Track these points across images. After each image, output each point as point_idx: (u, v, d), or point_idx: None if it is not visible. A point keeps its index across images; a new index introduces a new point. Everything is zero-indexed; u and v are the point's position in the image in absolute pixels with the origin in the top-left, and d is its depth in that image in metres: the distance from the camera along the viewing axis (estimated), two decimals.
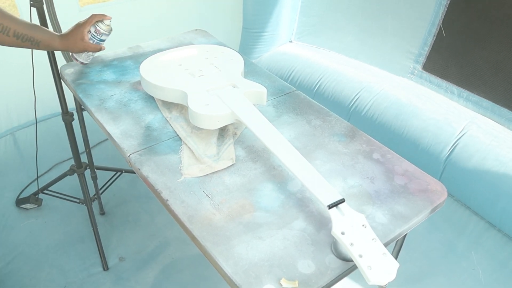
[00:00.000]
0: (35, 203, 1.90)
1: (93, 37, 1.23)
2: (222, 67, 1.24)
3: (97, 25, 1.22)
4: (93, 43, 1.23)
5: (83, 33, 1.20)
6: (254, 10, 2.52)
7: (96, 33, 1.22)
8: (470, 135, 1.91)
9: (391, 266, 0.73)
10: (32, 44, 1.09)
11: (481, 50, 1.98)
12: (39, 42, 1.11)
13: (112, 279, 1.65)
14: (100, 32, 1.23)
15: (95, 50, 1.26)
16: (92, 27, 1.22)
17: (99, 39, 1.24)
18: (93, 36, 1.22)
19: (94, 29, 1.22)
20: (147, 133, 1.13)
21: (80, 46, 1.21)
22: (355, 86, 2.25)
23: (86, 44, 1.22)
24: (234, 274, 0.77)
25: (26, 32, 1.06)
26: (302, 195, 0.95)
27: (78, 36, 1.19)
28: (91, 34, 1.22)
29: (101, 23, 1.22)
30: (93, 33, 1.22)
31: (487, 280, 1.68)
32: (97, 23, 1.22)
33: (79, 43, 1.20)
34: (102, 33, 1.23)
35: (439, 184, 1.00)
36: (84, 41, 1.21)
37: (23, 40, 1.06)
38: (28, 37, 1.07)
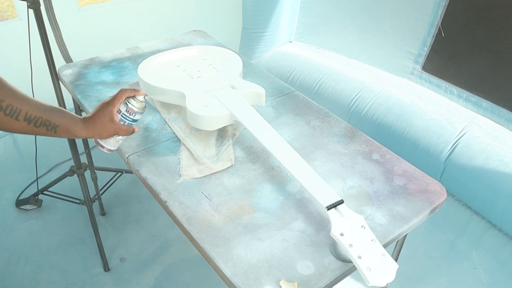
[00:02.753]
0: (35, 204, 1.90)
1: (124, 118, 0.97)
2: (221, 68, 1.24)
3: (128, 102, 0.97)
4: (124, 125, 0.97)
5: (112, 113, 0.94)
6: (254, 10, 2.51)
7: (127, 113, 0.97)
8: (471, 135, 1.90)
9: (390, 267, 0.73)
10: (47, 129, 0.86)
11: (480, 50, 1.97)
12: (57, 126, 0.87)
13: (113, 280, 1.65)
14: (133, 111, 0.97)
15: (127, 134, 0.98)
16: (123, 106, 0.97)
17: (132, 120, 0.98)
18: (124, 116, 0.97)
19: (125, 107, 0.96)
20: (146, 134, 1.13)
21: (110, 130, 0.95)
22: (355, 86, 2.24)
23: (116, 126, 0.95)
24: (233, 276, 0.77)
25: (40, 114, 0.83)
26: (301, 196, 0.95)
27: (107, 117, 0.94)
28: (122, 114, 0.97)
29: (133, 99, 0.97)
30: (124, 112, 0.97)
31: (488, 280, 1.67)
32: (128, 100, 0.97)
33: (109, 126, 0.95)
34: (136, 111, 0.97)
35: (439, 185, 1.00)
36: (115, 123, 0.95)
37: (36, 124, 0.84)
38: (43, 120, 0.84)
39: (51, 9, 1.39)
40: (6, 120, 0.79)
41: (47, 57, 1.37)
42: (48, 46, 1.35)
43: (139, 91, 0.98)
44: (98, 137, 0.96)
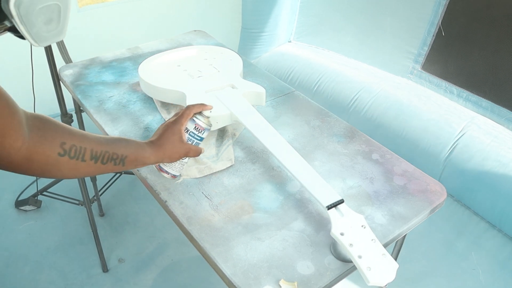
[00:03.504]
0: (34, 205, 1.90)
1: (192, 136, 0.89)
2: (221, 68, 1.24)
3: (196, 119, 0.90)
4: (195, 147, 0.89)
5: (181, 132, 0.86)
6: (253, 10, 2.52)
7: (196, 130, 0.89)
8: (470, 135, 1.91)
9: (390, 266, 0.73)
10: (115, 163, 0.76)
11: (480, 50, 1.98)
12: (125, 158, 0.77)
13: (111, 281, 1.65)
14: (202, 127, 0.90)
15: (196, 155, 0.89)
16: (190, 123, 0.89)
17: (199, 138, 0.91)
18: (193, 134, 0.89)
19: (193, 125, 0.89)
20: (146, 134, 1.13)
21: (181, 151, 0.86)
22: (355, 86, 2.25)
23: (187, 146, 0.87)
24: (233, 276, 0.77)
25: (105, 148, 0.74)
26: (301, 196, 0.95)
27: (176, 137, 0.85)
28: (190, 133, 0.89)
29: (200, 115, 0.91)
30: (192, 130, 0.89)
31: (487, 280, 1.67)
32: (196, 116, 0.90)
33: (179, 147, 0.85)
34: (205, 128, 0.90)
35: (439, 185, 1.00)
36: (184, 143, 0.86)
37: (103, 161, 0.74)
38: (110, 155, 0.75)
39: None
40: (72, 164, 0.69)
41: (48, 57, 1.38)
42: (49, 47, 1.35)
43: (206, 106, 0.92)
44: (168, 160, 0.87)
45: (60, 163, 0.67)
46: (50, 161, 0.66)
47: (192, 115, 0.89)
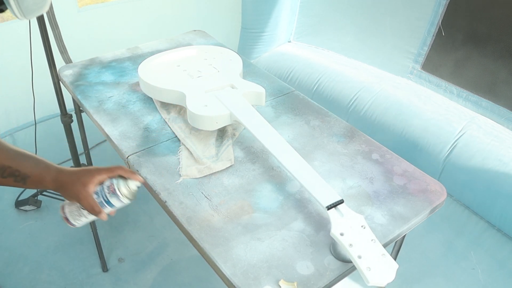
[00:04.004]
0: (34, 204, 1.90)
1: (100, 193, 0.81)
2: (221, 68, 1.24)
3: (115, 181, 0.81)
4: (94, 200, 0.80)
5: (93, 178, 0.80)
6: (253, 10, 2.52)
7: (107, 189, 0.81)
8: (470, 134, 1.91)
9: (390, 267, 0.73)
10: (16, 180, 0.74)
11: (480, 50, 1.97)
12: (26, 178, 0.75)
13: (111, 281, 1.65)
14: (114, 191, 0.81)
15: (91, 211, 0.81)
16: (108, 181, 0.81)
17: (106, 201, 0.81)
18: (101, 191, 0.81)
19: (109, 183, 0.81)
20: (146, 134, 1.13)
21: (76, 193, 0.79)
22: (354, 86, 2.25)
23: (85, 194, 0.79)
24: (232, 276, 0.77)
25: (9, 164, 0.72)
26: (301, 196, 0.95)
27: (83, 178, 0.79)
28: (100, 188, 0.81)
29: (123, 180, 0.82)
30: (104, 187, 0.81)
31: (486, 280, 1.67)
32: (119, 180, 0.82)
33: (76, 189, 0.79)
34: (117, 194, 0.81)
35: (439, 184, 1.00)
36: (86, 190, 0.79)
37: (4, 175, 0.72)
38: (12, 171, 0.73)
39: (51, 9, 1.39)
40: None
41: (48, 57, 1.37)
42: (49, 47, 1.35)
43: (137, 176, 0.84)
44: (61, 193, 0.81)
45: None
46: None
47: (117, 174, 0.82)
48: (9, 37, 2.04)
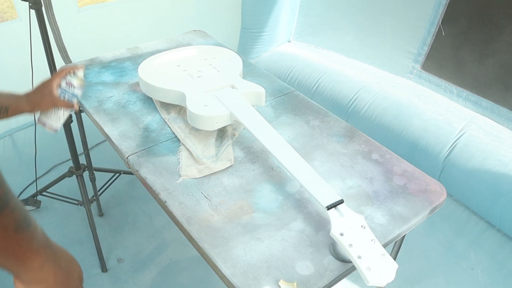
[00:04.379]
0: (33, 205, 1.90)
1: (63, 93, 1.05)
2: (221, 68, 1.24)
3: (68, 77, 1.07)
4: (63, 99, 1.05)
5: (51, 86, 1.02)
6: (253, 10, 2.52)
7: (66, 86, 1.06)
8: (470, 134, 1.91)
9: (390, 267, 0.73)
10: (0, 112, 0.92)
11: (480, 49, 1.97)
12: (8, 108, 0.92)
13: (110, 281, 1.65)
14: (70, 84, 1.06)
15: (65, 107, 1.06)
16: (63, 80, 1.06)
17: (71, 94, 1.06)
18: (64, 91, 1.05)
19: (64, 81, 1.06)
20: (146, 134, 1.13)
21: (48, 102, 1.02)
22: (354, 86, 2.25)
23: (55, 98, 1.03)
24: (232, 276, 0.77)
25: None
26: (300, 196, 0.95)
27: (46, 90, 1.02)
28: (61, 89, 1.05)
29: (72, 75, 1.07)
30: (63, 86, 1.06)
31: (486, 280, 1.67)
32: (69, 75, 1.07)
33: (47, 99, 1.02)
34: (75, 86, 1.07)
35: (438, 185, 1.00)
36: (53, 96, 1.03)
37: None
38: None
39: (51, 9, 1.39)
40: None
41: (48, 57, 1.37)
42: (49, 47, 1.35)
43: (77, 66, 1.08)
44: (38, 109, 1.03)
45: None
46: None
47: (65, 74, 1.06)
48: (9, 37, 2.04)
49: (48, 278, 0.55)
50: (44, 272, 0.55)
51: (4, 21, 2.01)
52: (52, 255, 0.55)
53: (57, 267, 0.56)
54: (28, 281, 0.54)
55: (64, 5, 2.07)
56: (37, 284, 0.55)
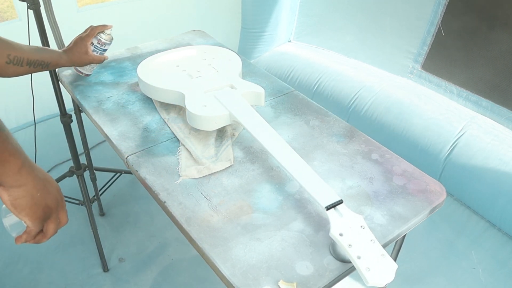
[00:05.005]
0: None
1: (96, 49, 1.24)
2: (220, 68, 1.24)
3: (99, 36, 1.24)
4: (97, 55, 1.25)
5: (86, 46, 1.21)
6: (253, 10, 2.51)
7: (99, 44, 1.24)
8: (470, 134, 1.90)
9: (389, 267, 0.72)
10: (42, 67, 1.10)
11: (480, 49, 1.97)
12: (49, 63, 1.12)
13: (112, 281, 1.65)
14: (102, 42, 1.24)
15: (100, 62, 1.27)
16: (94, 39, 1.23)
17: (102, 50, 1.26)
18: (96, 47, 1.24)
19: (96, 40, 1.23)
20: (145, 134, 1.13)
21: (85, 60, 1.23)
22: (354, 85, 2.24)
23: (90, 57, 1.23)
24: (232, 276, 0.77)
25: (36, 57, 1.07)
26: (300, 196, 0.95)
27: (82, 50, 1.21)
28: (94, 46, 1.24)
29: (103, 33, 1.24)
30: (96, 44, 1.24)
31: (487, 279, 1.67)
32: (99, 34, 1.24)
33: (84, 57, 1.22)
34: (105, 43, 1.25)
35: (438, 184, 1.00)
36: (89, 54, 1.22)
37: (35, 66, 1.07)
38: (40, 61, 1.08)
39: (51, 9, 1.39)
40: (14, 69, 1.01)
41: None
42: (48, 47, 1.35)
43: (106, 26, 1.24)
44: (78, 65, 1.24)
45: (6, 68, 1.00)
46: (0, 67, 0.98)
47: (96, 33, 1.23)
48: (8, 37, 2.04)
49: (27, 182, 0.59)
50: (23, 176, 0.58)
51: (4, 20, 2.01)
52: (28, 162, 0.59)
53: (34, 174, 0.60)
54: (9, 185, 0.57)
55: (64, 5, 2.08)
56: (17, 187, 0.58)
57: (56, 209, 0.66)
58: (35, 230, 0.64)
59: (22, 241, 0.65)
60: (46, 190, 0.63)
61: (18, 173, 0.57)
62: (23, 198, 0.59)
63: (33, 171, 0.60)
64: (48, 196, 0.63)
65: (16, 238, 0.65)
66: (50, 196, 0.63)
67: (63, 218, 0.68)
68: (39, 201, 0.61)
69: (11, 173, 0.57)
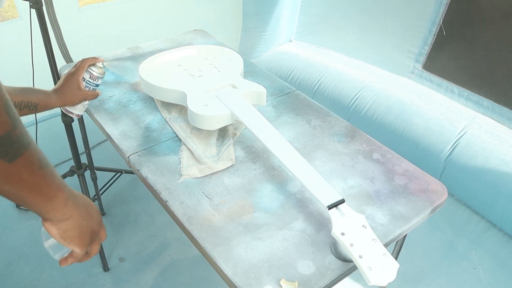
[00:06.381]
0: None
1: (88, 84, 1.10)
2: (222, 67, 1.24)
3: (91, 70, 1.10)
4: (89, 90, 1.11)
5: (78, 81, 1.07)
6: (254, 9, 2.52)
7: (91, 79, 1.10)
8: (471, 134, 1.90)
9: (391, 266, 0.73)
10: (30, 109, 0.95)
11: (481, 49, 1.97)
12: (37, 104, 0.97)
13: (112, 280, 1.65)
14: (95, 76, 1.10)
15: (94, 97, 1.12)
16: (86, 73, 1.09)
17: (95, 85, 1.11)
18: (89, 82, 1.10)
19: (88, 75, 1.10)
20: (147, 134, 1.13)
21: (79, 96, 1.08)
22: (355, 85, 2.24)
23: (84, 92, 1.09)
24: (233, 275, 0.77)
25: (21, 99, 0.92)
26: (301, 195, 0.95)
27: (74, 86, 1.07)
28: (86, 81, 1.10)
29: (94, 66, 1.10)
30: (88, 79, 1.10)
31: (487, 279, 1.67)
32: (90, 67, 1.10)
33: (77, 94, 1.08)
34: (97, 77, 1.11)
35: (440, 184, 1.00)
36: (81, 90, 1.08)
37: (20, 108, 0.92)
38: (26, 103, 0.93)
39: (52, 8, 1.39)
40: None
41: (49, 57, 1.37)
42: (50, 46, 1.35)
43: (98, 58, 1.10)
44: (70, 104, 1.09)
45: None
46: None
47: (87, 66, 1.08)
48: (10, 36, 2.04)
49: (73, 214, 0.59)
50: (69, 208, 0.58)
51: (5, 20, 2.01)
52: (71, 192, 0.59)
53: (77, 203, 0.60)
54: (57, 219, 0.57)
55: (65, 4, 2.08)
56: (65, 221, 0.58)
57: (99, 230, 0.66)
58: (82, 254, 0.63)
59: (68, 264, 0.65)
60: (90, 215, 0.63)
61: (64, 207, 0.57)
62: (71, 229, 0.59)
63: (77, 200, 0.60)
64: (92, 221, 0.63)
65: (60, 261, 0.65)
66: (93, 220, 0.64)
67: (103, 236, 0.68)
68: (85, 229, 0.61)
69: (59, 208, 0.56)
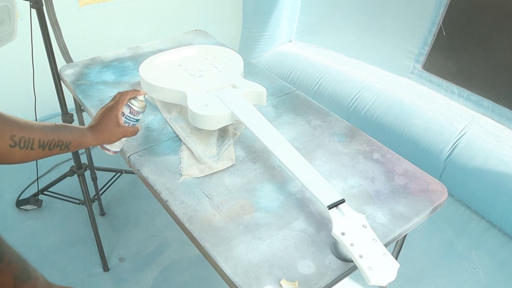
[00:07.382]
0: (35, 204, 1.90)
1: (128, 120, 0.97)
2: (222, 67, 1.24)
3: (131, 104, 0.97)
4: (129, 126, 0.98)
5: (117, 117, 0.94)
6: (254, 10, 2.52)
7: (131, 114, 0.97)
8: (471, 134, 1.90)
9: (391, 266, 0.73)
10: (61, 149, 0.85)
11: (481, 49, 1.97)
12: (69, 144, 0.86)
13: (112, 280, 1.65)
14: (135, 111, 0.97)
15: (133, 134, 0.99)
16: (126, 108, 0.96)
17: (135, 120, 0.98)
18: (128, 118, 0.97)
19: (128, 109, 0.97)
20: (147, 133, 1.13)
21: (118, 134, 0.95)
22: (355, 85, 2.25)
23: (123, 129, 0.95)
24: (234, 275, 0.77)
25: (51, 137, 0.82)
26: (302, 195, 0.95)
27: (113, 122, 0.94)
28: (126, 116, 0.97)
29: (135, 100, 0.97)
30: (127, 114, 0.97)
31: (487, 280, 1.67)
32: (130, 101, 0.97)
33: (117, 131, 0.94)
34: (138, 111, 0.98)
35: (440, 184, 1.00)
36: (121, 127, 0.95)
37: (50, 148, 0.82)
38: (56, 142, 0.83)
39: (52, 8, 1.39)
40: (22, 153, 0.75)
41: (49, 57, 1.38)
42: (50, 46, 1.35)
43: (139, 91, 0.98)
44: (107, 142, 0.96)
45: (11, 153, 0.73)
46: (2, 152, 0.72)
47: (127, 100, 0.96)
48: None
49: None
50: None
51: None
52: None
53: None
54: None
55: (65, 4, 2.08)
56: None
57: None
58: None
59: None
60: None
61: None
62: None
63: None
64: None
65: None
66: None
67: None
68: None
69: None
